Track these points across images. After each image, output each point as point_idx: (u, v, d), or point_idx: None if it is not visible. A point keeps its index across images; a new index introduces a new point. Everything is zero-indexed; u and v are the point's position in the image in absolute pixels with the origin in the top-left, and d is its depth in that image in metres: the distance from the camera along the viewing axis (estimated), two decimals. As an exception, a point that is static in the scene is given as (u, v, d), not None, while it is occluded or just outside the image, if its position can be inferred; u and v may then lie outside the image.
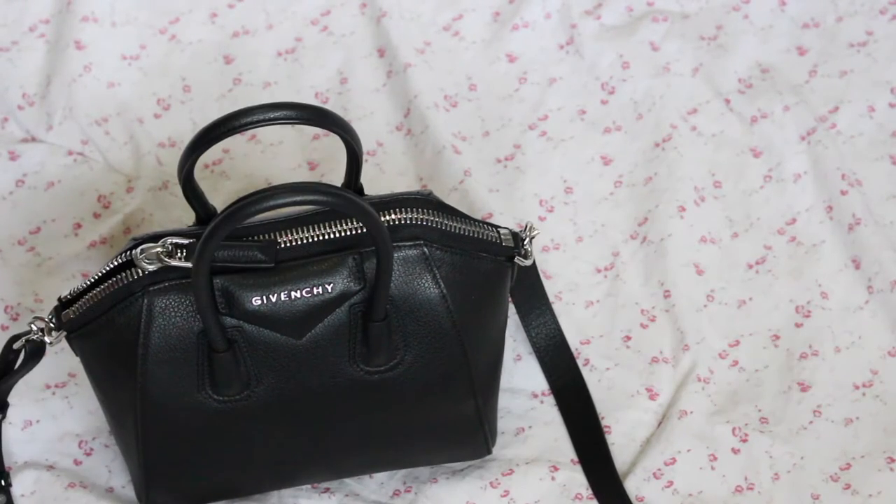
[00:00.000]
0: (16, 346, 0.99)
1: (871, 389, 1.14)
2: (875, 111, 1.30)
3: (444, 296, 0.97)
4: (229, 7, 1.35)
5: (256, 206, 0.89)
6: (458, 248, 0.98)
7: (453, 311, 0.98)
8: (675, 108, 1.30)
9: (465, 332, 0.99)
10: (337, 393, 0.99)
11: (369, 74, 1.32)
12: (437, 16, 1.36)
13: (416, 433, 1.04)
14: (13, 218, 1.23)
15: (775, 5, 1.36)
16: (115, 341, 0.96)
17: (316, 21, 1.35)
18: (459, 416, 1.04)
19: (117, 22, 1.33)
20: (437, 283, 0.97)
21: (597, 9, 1.36)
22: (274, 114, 0.96)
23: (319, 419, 1.00)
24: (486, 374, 1.03)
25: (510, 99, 1.32)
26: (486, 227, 1.00)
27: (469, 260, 0.99)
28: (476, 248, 0.99)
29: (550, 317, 1.15)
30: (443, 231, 0.97)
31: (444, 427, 1.04)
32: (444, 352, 0.99)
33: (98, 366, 0.99)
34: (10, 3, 1.33)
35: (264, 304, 0.95)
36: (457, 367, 1.00)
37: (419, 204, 0.99)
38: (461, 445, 1.06)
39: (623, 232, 1.23)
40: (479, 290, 1.00)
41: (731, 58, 1.33)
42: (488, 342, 1.02)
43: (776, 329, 1.18)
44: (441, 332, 0.99)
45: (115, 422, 1.01)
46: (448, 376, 1.00)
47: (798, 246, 1.23)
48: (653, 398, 1.14)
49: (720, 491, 1.08)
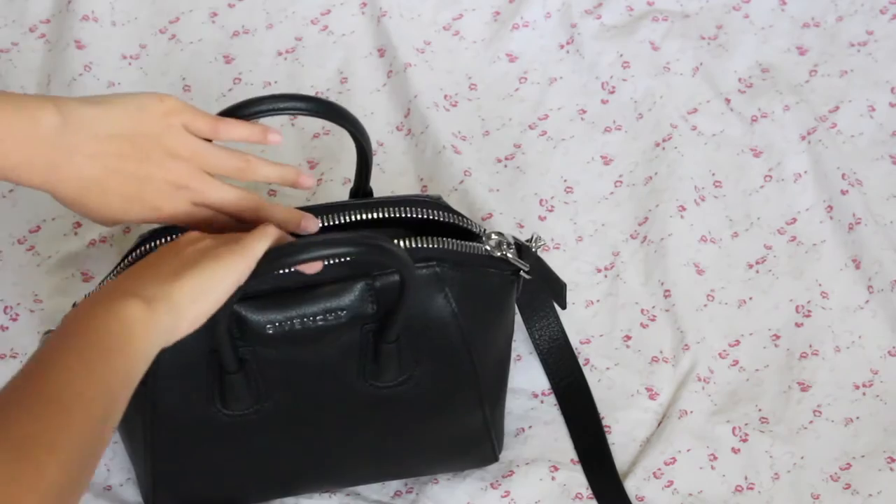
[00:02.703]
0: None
1: (871, 389, 1.14)
2: (875, 111, 1.30)
3: (456, 314, 0.98)
4: (229, 7, 1.35)
5: (284, 261, 0.89)
6: (468, 266, 0.98)
7: (463, 327, 0.98)
8: (676, 107, 1.30)
9: (474, 347, 0.99)
10: (346, 407, 0.99)
11: (369, 74, 1.32)
12: (437, 15, 1.36)
13: (423, 445, 1.04)
14: (13, 216, 1.23)
15: (775, 5, 1.36)
16: None
17: (316, 21, 1.35)
18: (467, 428, 1.04)
19: (117, 21, 1.33)
20: (448, 302, 0.97)
21: (597, 8, 1.36)
22: (283, 104, 0.96)
23: (328, 432, 1.00)
24: (493, 385, 1.04)
25: (510, 99, 1.32)
26: (491, 239, 1.00)
27: (478, 276, 0.99)
28: (485, 264, 0.99)
29: (554, 319, 1.14)
30: (455, 251, 0.97)
31: (452, 438, 1.04)
32: (454, 367, 0.99)
33: None
34: (10, 3, 1.33)
35: (277, 330, 0.95)
36: (466, 380, 1.01)
37: (430, 206, 0.98)
38: (469, 455, 1.07)
39: (623, 232, 1.23)
40: (488, 304, 1.00)
41: (732, 57, 1.33)
42: (496, 354, 1.03)
43: (776, 329, 1.18)
44: (451, 348, 0.99)
45: (124, 426, 1.01)
46: (457, 390, 1.01)
47: (798, 246, 1.23)
48: (653, 398, 1.14)
49: (720, 491, 1.08)
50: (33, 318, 1.17)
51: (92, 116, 0.89)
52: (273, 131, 0.96)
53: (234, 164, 0.94)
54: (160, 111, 0.91)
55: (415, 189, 1.26)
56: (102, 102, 0.90)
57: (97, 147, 0.89)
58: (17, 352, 1.15)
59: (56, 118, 0.88)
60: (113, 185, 0.90)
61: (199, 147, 0.93)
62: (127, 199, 0.91)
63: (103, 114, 0.90)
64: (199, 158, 0.92)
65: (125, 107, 0.91)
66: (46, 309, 1.18)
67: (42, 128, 0.87)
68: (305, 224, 0.95)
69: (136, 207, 0.91)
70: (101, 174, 0.89)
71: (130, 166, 0.90)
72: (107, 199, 0.90)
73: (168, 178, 0.91)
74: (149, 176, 0.90)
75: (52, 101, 0.88)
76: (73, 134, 0.88)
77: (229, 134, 0.95)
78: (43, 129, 0.87)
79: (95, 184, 0.89)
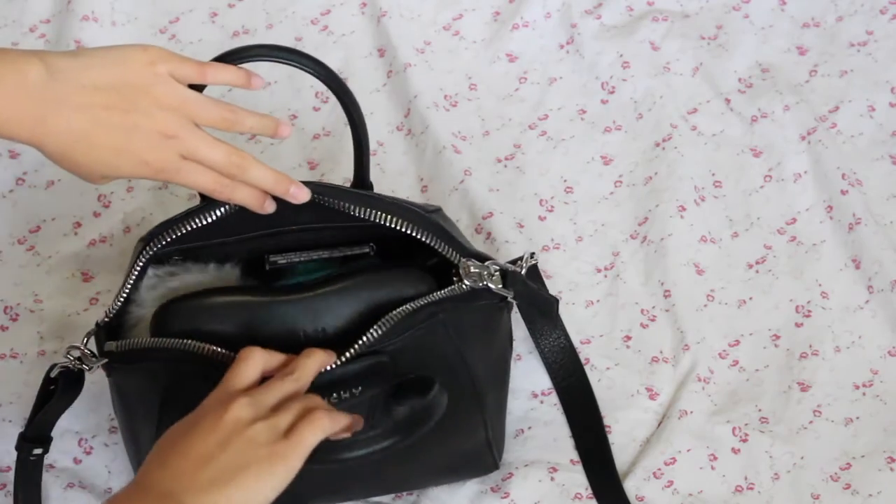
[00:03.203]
0: (53, 374, 0.98)
1: (871, 389, 1.14)
2: (875, 111, 1.30)
3: (459, 351, 0.98)
4: (229, 7, 1.35)
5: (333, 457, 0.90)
6: (465, 305, 0.98)
7: (466, 360, 0.99)
8: (675, 107, 1.30)
9: (476, 375, 1.00)
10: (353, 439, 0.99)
11: (369, 74, 1.32)
12: (437, 15, 1.36)
13: (428, 464, 1.04)
14: (13, 217, 1.23)
15: (775, 5, 1.36)
16: (147, 388, 0.96)
17: (316, 21, 1.35)
18: (470, 446, 1.04)
19: (117, 21, 1.33)
20: (451, 341, 0.98)
21: (597, 8, 1.36)
22: (285, 55, 0.97)
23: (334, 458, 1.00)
24: (494, 404, 1.04)
25: (510, 99, 1.32)
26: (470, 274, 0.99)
27: (473, 311, 0.99)
28: (470, 299, 0.99)
29: (561, 331, 1.15)
30: (453, 298, 0.98)
31: (456, 455, 1.04)
32: (457, 395, 0.99)
33: (126, 397, 0.99)
34: (10, 3, 1.33)
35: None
36: (469, 406, 1.01)
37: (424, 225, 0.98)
38: (470, 468, 1.07)
39: (623, 232, 1.23)
40: (484, 332, 1.01)
41: (732, 57, 1.33)
42: (496, 376, 1.03)
43: (776, 329, 1.18)
44: (455, 381, 0.99)
45: (132, 444, 1.01)
46: (461, 415, 1.01)
47: (798, 246, 1.22)
48: (653, 398, 1.14)
49: (720, 491, 1.08)
50: (33, 318, 1.17)
51: (77, 68, 0.88)
52: (255, 75, 0.95)
53: (221, 115, 0.93)
54: (145, 60, 0.90)
55: (415, 189, 1.26)
56: (88, 55, 0.90)
57: (84, 98, 0.88)
58: (17, 352, 1.15)
59: (42, 70, 0.87)
60: (101, 138, 0.89)
61: (188, 95, 0.91)
62: (115, 152, 0.90)
63: (89, 65, 0.89)
64: (186, 107, 0.91)
65: (111, 58, 0.90)
66: (46, 309, 1.18)
67: (28, 81, 0.86)
68: (295, 191, 0.94)
69: (125, 160, 0.90)
70: (88, 126, 0.89)
71: (117, 117, 0.89)
72: (95, 152, 0.89)
73: (156, 128, 0.90)
74: (136, 126, 0.90)
75: (36, 55, 0.88)
76: (60, 86, 0.88)
77: (216, 77, 0.93)
78: (29, 81, 0.87)
79: (83, 136, 0.89)
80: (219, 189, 0.93)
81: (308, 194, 0.95)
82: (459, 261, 0.99)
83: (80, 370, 0.97)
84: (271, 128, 0.95)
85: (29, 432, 1.00)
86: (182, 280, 0.99)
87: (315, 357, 0.91)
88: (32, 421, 0.98)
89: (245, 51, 0.97)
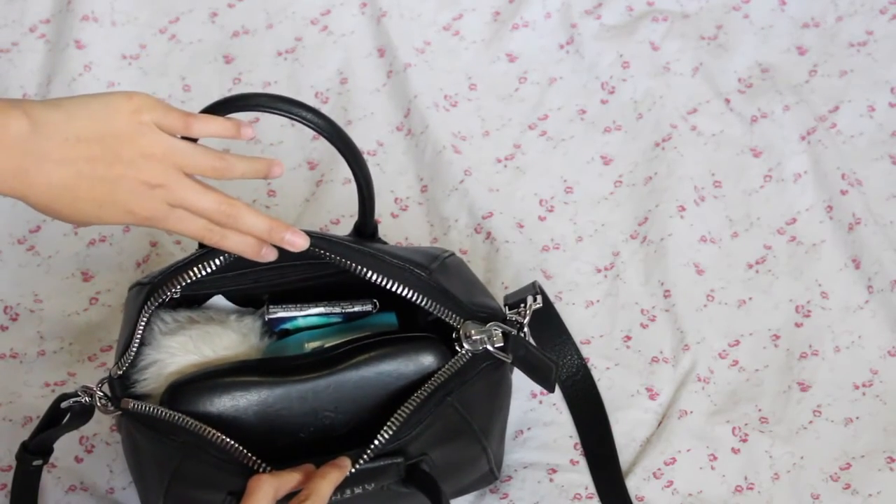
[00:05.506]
0: (63, 405, 0.98)
1: (871, 389, 1.14)
2: (875, 111, 1.30)
3: (466, 420, 0.99)
4: (229, 7, 1.35)
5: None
6: (470, 376, 0.98)
7: (474, 426, 1.00)
8: (675, 107, 1.30)
9: (483, 428, 1.01)
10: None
11: (369, 74, 1.32)
12: (437, 15, 1.36)
13: None
14: (13, 216, 1.23)
15: (775, 5, 1.36)
16: (161, 454, 0.96)
17: (316, 21, 1.35)
18: (474, 474, 1.05)
19: (117, 21, 1.33)
20: (459, 414, 0.98)
21: (597, 8, 1.36)
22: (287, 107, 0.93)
23: None
24: (497, 440, 1.05)
25: (510, 99, 1.32)
26: (471, 338, 0.99)
27: (477, 379, 0.99)
28: (479, 361, 0.99)
29: (571, 346, 1.15)
30: (459, 373, 0.98)
31: (457, 484, 1.05)
32: (464, 446, 1.01)
33: (139, 453, 0.99)
34: (10, 3, 1.33)
35: None
36: (474, 453, 1.02)
37: (424, 290, 0.98)
38: (470, 488, 1.08)
39: (623, 232, 1.23)
40: (489, 396, 1.01)
41: (731, 58, 1.33)
42: (499, 420, 1.04)
43: (776, 329, 1.18)
44: (464, 439, 1.00)
45: (142, 485, 1.01)
46: (465, 462, 1.02)
47: (798, 246, 1.23)
48: (653, 398, 1.14)
49: (720, 491, 1.08)
50: (33, 318, 1.17)
51: (60, 120, 0.86)
52: (246, 125, 0.92)
53: (210, 163, 0.90)
54: (130, 109, 0.88)
55: (415, 189, 1.26)
56: (71, 104, 0.87)
57: (66, 152, 0.86)
58: (17, 352, 1.15)
59: (24, 124, 0.85)
60: (84, 191, 0.87)
61: (174, 144, 0.89)
62: (98, 204, 0.88)
63: (72, 116, 0.87)
64: (173, 156, 0.89)
65: (94, 107, 0.88)
66: (46, 309, 1.18)
67: (10, 134, 0.85)
68: (291, 238, 0.92)
69: (109, 211, 0.88)
70: (70, 180, 0.87)
71: (100, 169, 0.87)
72: (78, 204, 0.88)
73: (140, 178, 0.88)
74: (120, 177, 0.88)
75: (19, 106, 0.86)
76: (42, 139, 0.86)
77: (202, 129, 0.91)
78: (11, 135, 0.85)
79: (66, 189, 0.87)
80: (208, 236, 0.91)
81: (306, 241, 0.93)
82: (461, 324, 0.98)
83: (91, 406, 0.98)
84: (263, 171, 0.92)
85: (32, 447, 1.00)
86: (204, 331, 0.99)
87: (330, 478, 0.91)
88: (36, 437, 0.99)
89: (243, 99, 0.93)
